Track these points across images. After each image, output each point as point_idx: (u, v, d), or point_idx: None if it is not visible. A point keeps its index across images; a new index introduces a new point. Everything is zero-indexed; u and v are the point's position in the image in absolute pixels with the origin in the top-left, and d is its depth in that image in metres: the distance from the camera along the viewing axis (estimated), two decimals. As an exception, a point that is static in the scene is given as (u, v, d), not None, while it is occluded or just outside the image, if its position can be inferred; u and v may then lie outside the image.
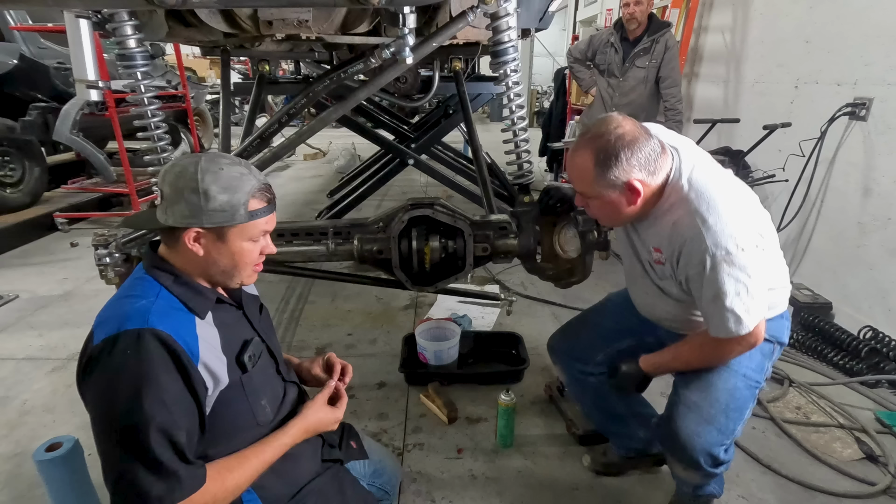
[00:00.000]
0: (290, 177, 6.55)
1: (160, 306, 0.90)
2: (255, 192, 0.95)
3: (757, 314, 1.17)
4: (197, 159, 0.92)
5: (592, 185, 1.19)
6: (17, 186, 4.18)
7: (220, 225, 0.93)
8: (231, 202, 0.92)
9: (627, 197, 1.18)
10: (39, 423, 1.95)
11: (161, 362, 0.84)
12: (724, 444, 1.31)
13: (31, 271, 3.41)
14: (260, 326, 1.10)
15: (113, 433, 0.83)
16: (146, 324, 0.85)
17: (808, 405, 2.10)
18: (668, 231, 1.21)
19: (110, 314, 0.90)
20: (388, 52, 1.28)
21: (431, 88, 2.87)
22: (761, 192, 3.27)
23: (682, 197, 1.19)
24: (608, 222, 1.35)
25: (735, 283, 1.13)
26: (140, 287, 0.94)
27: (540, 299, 3.01)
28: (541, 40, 11.03)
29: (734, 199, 1.19)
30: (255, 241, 0.99)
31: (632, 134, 1.14)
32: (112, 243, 1.50)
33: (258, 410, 1.00)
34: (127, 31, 1.47)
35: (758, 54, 3.39)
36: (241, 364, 0.97)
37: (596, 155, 1.15)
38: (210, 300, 0.98)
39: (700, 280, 1.17)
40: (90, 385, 0.86)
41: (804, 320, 2.59)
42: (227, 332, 0.98)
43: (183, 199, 0.90)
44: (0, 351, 2.45)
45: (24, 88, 3.91)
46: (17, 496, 1.62)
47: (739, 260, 1.12)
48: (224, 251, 0.96)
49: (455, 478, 1.72)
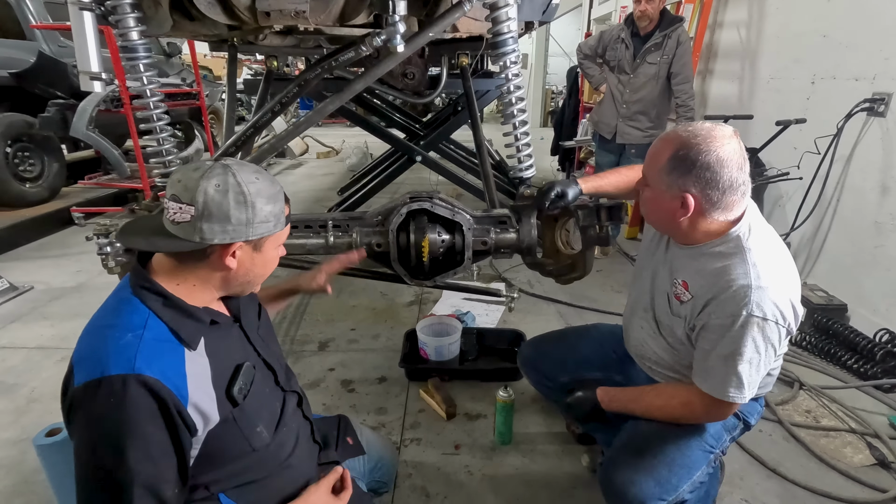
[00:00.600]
0: (303, 174, 6.61)
1: (147, 342, 0.82)
2: (285, 198, 0.95)
3: (753, 390, 1.14)
4: (226, 172, 0.86)
5: (658, 173, 1.13)
6: (37, 181, 4.29)
7: (262, 236, 0.90)
8: (274, 212, 0.90)
9: (675, 206, 1.13)
10: (46, 410, 1.99)
11: (147, 412, 0.78)
12: (663, 499, 1.18)
13: (47, 264, 3.49)
14: (259, 336, 1.06)
15: (96, 489, 0.79)
16: (132, 370, 0.78)
17: (819, 409, 2.04)
18: (711, 273, 1.15)
19: (92, 349, 0.83)
20: (379, 39, 1.27)
21: (439, 84, 2.86)
22: (775, 191, 3.19)
23: (741, 247, 1.13)
24: (651, 218, 1.27)
25: (754, 350, 1.10)
26: (126, 313, 0.86)
27: (545, 297, 2.98)
28: (556, 39, 10.98)
29: (791, 277, 1.15)
30: (281, 246, 0.99)
31: (727, 158, 1.06)
32: (112, 233, 1.52)
33: (253, 438, 0.95)
34: (129, 24, 1.49)
35: (773, 50, 3.31)
36: (231, 398, 0.91)
37: (678, 149, 1.09)
38: (203, 324, 0.91)
39: (721, 333, 1.12)
40: (74, 430, 0.81)
41: (817, 322, 2.52)
42: (218, 362, 0.91)
43: (228, 214, 0.84)
44: (13, 340, 2.51)
45: (43, 85, 4.01)
46: (21, 480, 1.66)
47: (770, 332, 1.09)
48: (258, 261, 0.93)
49: (451, 474, 1.71)
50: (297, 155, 7.66)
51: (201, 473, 0.90)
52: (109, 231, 1.52)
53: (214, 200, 0.83)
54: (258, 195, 0.87)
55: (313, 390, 2.13)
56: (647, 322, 1.37)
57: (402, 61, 2.72)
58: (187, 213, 0.83)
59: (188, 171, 0.86)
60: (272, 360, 1.07)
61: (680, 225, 1.17)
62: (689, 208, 1.11)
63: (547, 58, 11.51)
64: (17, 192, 4.05)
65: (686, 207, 1.11)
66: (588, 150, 5.20)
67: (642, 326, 1.39)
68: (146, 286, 0.88)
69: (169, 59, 5.83)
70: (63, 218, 4.16)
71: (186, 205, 0.83)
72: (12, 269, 3.28)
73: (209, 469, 0.91)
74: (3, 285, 2.94)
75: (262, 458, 0.98)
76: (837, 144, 2.64)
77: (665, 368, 1.36)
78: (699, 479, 1.24)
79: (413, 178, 5.90)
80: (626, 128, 3.39)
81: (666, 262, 1.31)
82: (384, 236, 1.69)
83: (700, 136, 1.08)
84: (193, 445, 0.87)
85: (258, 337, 1.06)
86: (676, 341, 1.27)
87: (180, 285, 0.90)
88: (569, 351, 1.65)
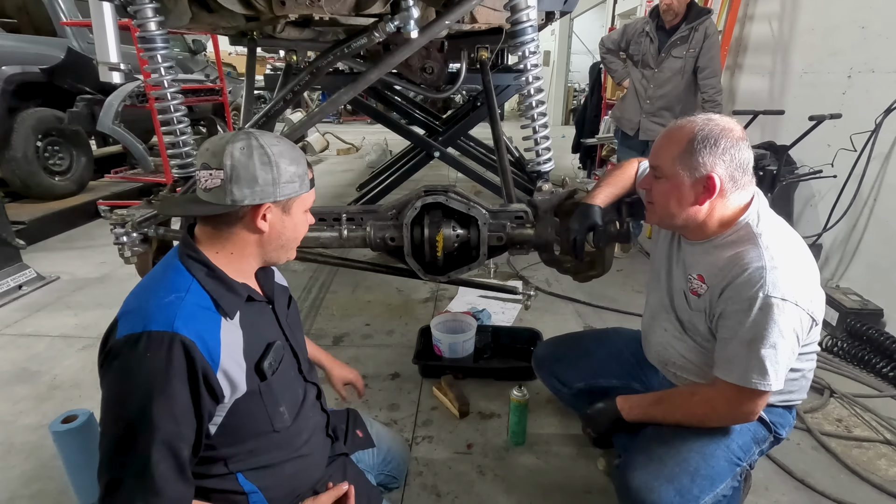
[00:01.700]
0: (323, 171, 6.65)
1: (188, 305, 0.86)
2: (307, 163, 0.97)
3: (780, 379, 1.08)
4: (249, 136, 0.90)
5: (674, 162, 1.12)
6: (65, 175, 4.40)
7: (289, 197, 0.92)
8: (298, 173, 0.93)
9: (698, 191, 1.11)
10: (66, 397, 2.03)
11: (179, 372, 0.82)
12: None
13: (73, 255, 3.58)
14: (287, 323, 1.08)
15: (116, 435, 0.81)
16: (171, 328, 0.82)
17: (851, 418, 1.94)
18: (725, 262, 1.13)
19: (137, 305, 0.87)
20: (392, 25, 1.24)
21: (458, 79, 2.83)
22: (807, 190, 3.07)
23: (752, 233, 1.12)
24: (662, 214, 1.20)
25: (778, 334, 1.04)
26: (172, 277, 0.90)
27: (564, 296, 2.92)
28: (579, 36, 10.82)
29: (807, 260, 1.11)
30: (308, 211, 1.00)
31: (738, 134, 1.09)
32: (129, 223, 1.53)
33: (276, 418, 0.97)
34: (147, 14, 1.49)
35: (808, 43, 3.17)
36: (260, 372, 0.94)
37: (696, 132, 1.09)
38: (241, 298, 0.94)
39: (739, 318, 1.08)
40: (106, 379, 0.84)
41: (850, 327, 2.41)
42: (251, 335, 0.94)
43: (255, 175, 0.88)
44: (37, 328, 2.57)
45: (71, 81, 4.10)
46: (39, 465, 1.69)
47: (790, 315, 1.04)
48: (288, 224, 0.96)
49: (463, 473, 1.67)
50: (318, 151, 7.72)
51: (222, 445, 0.92)
52: (126, 221, 1.53)
53: (241, 162, 0.87)
54: (281, 156, 0.90)
55: (326, 384, 2.11)
56: (671, 323, 1.32)
57: (421, 56, 2.71)
58: (217, 178, 0.87)
59: (214, 140, 0.91)
60: (298, 348, 1.09)
61: (698, 214, 1.14)
62: (715, 190, 1.09)
63: (570, 55, 11.34)
64: (46, 185, 4.17)
65: (710, 190, 1.10)
66: (610, 147, 5.10)
67: (666, 329, 1.35)
68: (192, 255, 0.92)
69: (194, 56, 5.93)
70: (90, 211, 4.27)
71: (216, 170, 0.87)
72: (40, 260, 3.37)
73: (230, 442, 0.93)
74: (30, 275, 3.03)
75: (281, 441, 0.99)
76: (875, 141, 2.51)
77: (690, 373, 1.30)
78: (722, 491, 1.17)
79: (433, 175, 5.88)
80: (650, 124, 3.29)
81: (679, 261, 1.27)
82: (398, 230, 1.66)
83: (712, 119, 1.11)
84: (218, 413, 0.89)
85: (287, 324, 1.08)
86: (703, 339, 1.23)
87: (219, 253, 0.94)
88: (585, 356, 1.60)
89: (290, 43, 2.68)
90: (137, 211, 1.56)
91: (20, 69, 3.84)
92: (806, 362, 1.22)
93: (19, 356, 2.31)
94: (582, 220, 1.40)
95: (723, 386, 1.13)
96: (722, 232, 1.17)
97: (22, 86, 3.88)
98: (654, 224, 1.27)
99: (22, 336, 2.49)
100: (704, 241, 1.20)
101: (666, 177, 1.14)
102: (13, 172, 3.94)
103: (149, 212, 1.53)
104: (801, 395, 1.27)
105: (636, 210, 1.58)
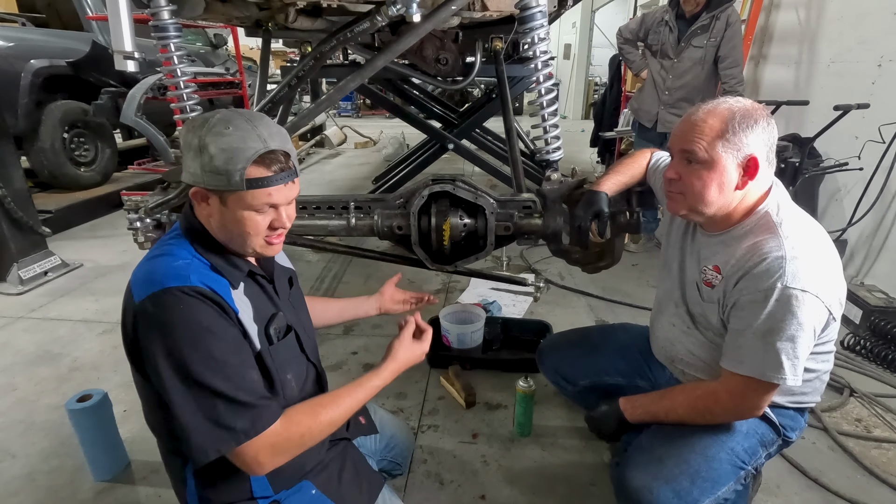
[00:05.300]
0: (340, 164, 6.70)
1: (198, 266, 0.89)
2: (255, 158, 0.84)
3: (798, 374, 1.03)
4: (214, 115, 0.87)
5: (714, 144, 1.03)
6: (90, 166, 4.53)
7: (217, 188, 0.86)
8: (226, 167, 0.83)
9: (739, 173, 1.06)
10: (86, 378, 2.10)
11: (213, 312, 0.85)
12: None
13: (97, 243, 3.69)
14: (287, 302, 1.08)
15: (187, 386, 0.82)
16: (188, 281, 0.85)
17: (871, 418, 1.87)
18: (741, 252, 1.09)
19: (147, 272, 0.87)
20: (395, 8, 1.23)
21: (473, 70, 2.81)
22: (832, 182, 2.96)
23: (771, 222, 1.08)
24: (694, 203, 1.11)
25: (797, 327, 1.00)
26: (176, 248, 0.92)
27: (576, 290, 2.89)
28: (601, 28, 10.63)
29: (829, 251, 1.07)
30: (260, 213, 0.89)
31: (767, 112, 1.06)
32: (142, 209, 1.56)
33: (285, 385, 0.98)
34: (161, 3, 1.52)
35: (836, 31, 3.06)
36: (268, 336, 0.96)
37: (734, 114, 1.03)
38: (242, 272, 0.96)
39: (754, 310, 1.03)
40: (147, 346, 0.84)
41: (874, 325, 2.32)
42: (257, 303, 0.96)
43: (189, 155, 0.87)
44: (60, 313, 2.65)
45: (96, 74, 4.21)
46: (58, 443, 1.75)
47: (810, 307, 0.99)
48: (227, 217, 0.89)
49: (467, 462, 1.68)
50: (336, 145, 7.77)
51: None
52: (139, 207, 1.56)
53: (185, 140, 0.88)
54: (213, 143, 0.84)
55: (335, 372, 2.15)
56: (680, 318, 1.29)
57: (435, 47, 2.70)
58: None
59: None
60: (299, 327, 1.09)
61: (733, 200, 1.10)
62: (757, 171, 1.05)
63: (591, 48, 11.15)
64: (72, 176, 4.29)
65: (752, 172, 1.05)
66: (629, 140, 5.01)
67: (674, 324, 1.31)
68: (194, 226, 0.94)
69: (215, 50, 6.02)
70: (113, 201, 4.38)
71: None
72: (66, 248, 3.48)
73: None
74: (55, 262, 3.12)
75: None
76: (905, 133, 2.42)
77: (698, 370, 1.27)
78: (724, 495, 1.13)
79: (449, 168, 5.87)
80: (668, 116, 3.22)
81: (693, 252, 1.24)
82: (405, 219, 1.66)
83: (741, 100, 1.07)
84: None
85: (289, 303, 1.09)
86: (715, 333, 1.19)
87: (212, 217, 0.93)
88: (591, 353, 1.58)
89: (304, 34, 2.69)
90: (151, 197, 1.59)
91: (48, 62, 3.94)
92: (822, 363, 1.17)
93: (43, 339, 2.40)
94: (587, 207, 1.37)
95: (729, 378, 1.10)
96: (742, 221, 1.12)
97: (49, 79, 3.99)
98: (680, 215, 1.18)
99: (46, 320, 2.58)
100: (723, 231, 1.15)
101: (702, 162, 1.06)
102: (41, 163, 4.07)
103: (162, 198, 1.56)
104: (814, 397, 1.22)
105: (646, 200, 1.55)
